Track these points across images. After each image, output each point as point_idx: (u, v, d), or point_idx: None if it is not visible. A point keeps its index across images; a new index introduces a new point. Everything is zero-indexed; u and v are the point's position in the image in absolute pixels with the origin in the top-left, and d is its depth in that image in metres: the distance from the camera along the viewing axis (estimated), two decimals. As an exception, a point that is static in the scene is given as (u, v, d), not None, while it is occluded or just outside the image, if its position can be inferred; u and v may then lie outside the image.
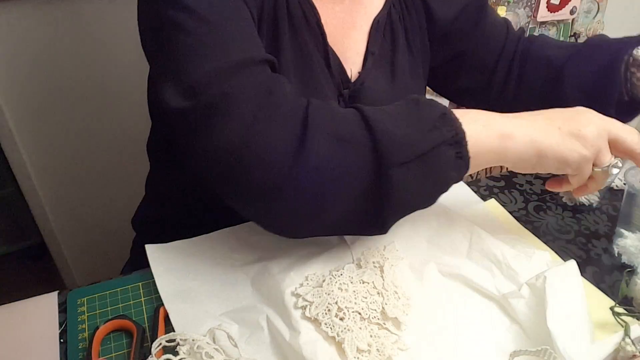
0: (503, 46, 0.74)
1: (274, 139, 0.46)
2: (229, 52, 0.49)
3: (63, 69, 1.10)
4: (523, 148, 0.48)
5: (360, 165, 0.46)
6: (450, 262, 0.56)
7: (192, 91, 0.47)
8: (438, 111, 0.48)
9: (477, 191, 0.71)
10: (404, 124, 0.47)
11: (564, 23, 1.53)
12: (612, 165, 0.50)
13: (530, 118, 0.50)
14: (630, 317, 0.50)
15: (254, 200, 0.48)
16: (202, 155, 0.48)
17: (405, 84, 0.69)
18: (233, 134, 0.46)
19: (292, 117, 0.47)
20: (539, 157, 0.49)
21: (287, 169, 0.45)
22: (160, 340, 0.46)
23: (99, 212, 1.32)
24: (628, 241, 0.59)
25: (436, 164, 0.47)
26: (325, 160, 0.46)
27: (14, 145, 1.14)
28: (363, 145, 0.46)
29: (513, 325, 0.50)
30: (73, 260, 1.37)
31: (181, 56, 0.48)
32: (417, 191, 0.48)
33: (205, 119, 0.47)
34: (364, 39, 0.66)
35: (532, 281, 0.51)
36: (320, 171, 0.46)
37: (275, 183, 0.46)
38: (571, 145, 0.49)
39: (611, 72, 0.63)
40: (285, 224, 0.50)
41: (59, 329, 0.50)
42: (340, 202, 0.47)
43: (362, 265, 0.54)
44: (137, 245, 0.81)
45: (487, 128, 0.48)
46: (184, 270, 0.55)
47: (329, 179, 0.46)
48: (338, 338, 0.46)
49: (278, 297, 0.50)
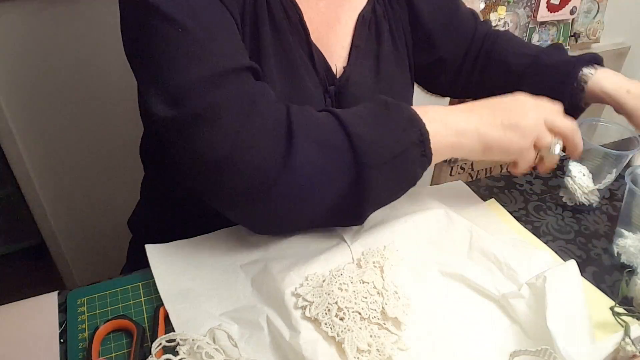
0: (470, 43, 0.78)
1: (261, 146, 0.49)
2: (212, 61, 0.50)
3: (63, 69, 1.10)
4: (473, 142, 0.55)
5: (341, 168, 0.50)
6: (450, 262, 0.56)
7: (178, 100, 0.49)
8: (406, 114, 0.53)
9: (477, 191, 0.71)
10: (376, 127, 0.51)
11: (564, 23, 1.53)
12: (553, 144, 0.57)
13: (478, 112, 0.56)
14: (630, 317, 0.50)
15: (241, 204, 0.51)
16: (189, 161, 0.50)
17: (390, 78, 0.70)
18: (220, 143, 0.48)
19: (278, 126, 0.50)
20: (485, 149, 0.55)
21: (275, 174, 0.49)
22: (160, 340, 0.46)
23: (99, 212, 1.32)
24: (628, 241, 0.59)
25: (406, 163, 0.52)
26: (309, 164, 0.49)
27: (14, 145, 1.14)
28: (343, 150, 0.50)
29: (513, 325, 0.51)
30: (73, 260, 1.37)
31: (165, 65, 0.49)
32: (390, 188, 0.54)
33: (192, 128, 0.49)
34: (349, 34, 0.67)
35: (532, 281, 0.51)
36: (305, 175, 0.49)
37: (263, 188, 0.49)
38: (511, 137, 0.55)
39: (559, 93, 0.68)
40: (271, 224, 0.55)
41: (59, 329, 0.50)
42: (323, 202, 0.51)
43: (362, 265, 0.54)
44: (134, 247, 0.81)
45: (446, 127, 0.54)
46: (184, 270, 0.55)
47: (313, 181, 0.50)
48: (338, 338, 0.46)
49: (278, 297, 0.50)
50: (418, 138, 0.52)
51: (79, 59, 1.10)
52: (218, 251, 0.58)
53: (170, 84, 0.49)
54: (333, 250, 0.56)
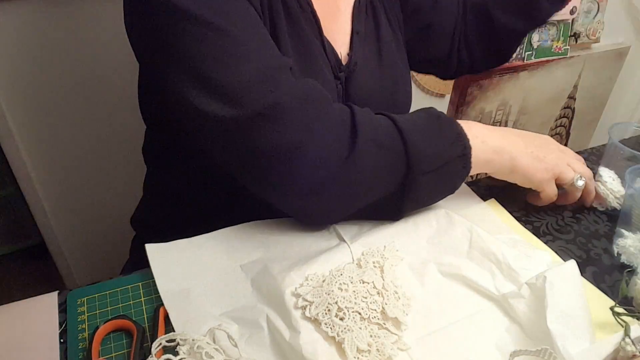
0: (457, 10, 0.81)
1: (327, 143, 0.52)
2: (258, 60, 0.51)
3: (63, 69, 1.10)
4: (504, 163, 0.61)
5: (393, 171, 0.55)
6: (450, 262, 0.56)
7: (235, 99, 0.50)
8: (455, 129, 0.58)
9: (477, 191, 0.71)
10: (429, 137, 0.56)
11: (564, 23, 1.52)
12: (576, 178, 0.64)
13: (513, 138, 0.62)
14: (630, 317, 0.50)
15: (299, 198, 0.54)
16: (248, 158, 0.52)
17: (392, 60, 0.72)
18: (287, 140, 0.50)
19: (343, 125, 0.53)
20: (513, 171, 0.61)
21: (336, 170, 0.52)
22: (160, 340, 0.46)
23: (99, 212, 1.32)
24: (628, 241, 0.59)
25: (449, 174, 0.58)
26: (367, 163, 0.53)
27: (14, 146, 1.14)
28: (398, 154, 0.54)
29: (513, 325, 0.50)
30: (73, 260, 1.37)
31: (212, 66, 0.50)
32: (431, 194, 0.60)
33: (255, 126, 0.50)
34: (348, 20, 0.68)
35: (532, 281, 0.51)
36: (361, 172, 0.53)
37: (324, 182, 0.53)
38: (537, 166, 0.61)
39: None
40: (322, 216, 0.59)
41: (59, 329, 0.50)
42: (371, 198, 0.56)
43: (362, 265, 0.54)
44: (136, 245, 0.81)
45: (485, 144, 0.59)
46: (184, 270, 0.55)
47: (367, 179, 0.54)
48: (338, 338, 0.46)
49: (278, 297, 0.50)
50: (462, 152, 0.57)
51: (79, 59, 1.10)
52: (218, 251, 0.58)
53: (222, 84, 0.50)
54: (333, 250, 0.56)
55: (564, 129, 1.73)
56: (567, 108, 1.68)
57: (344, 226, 0.61)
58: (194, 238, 0.60)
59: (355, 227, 0.61)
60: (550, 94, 1.61)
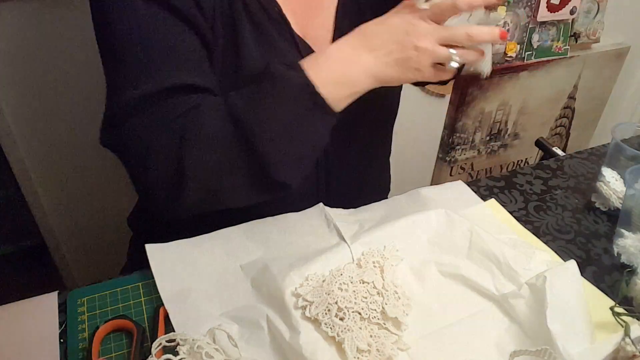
0: None
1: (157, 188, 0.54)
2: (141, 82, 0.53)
3: (63, 69, 1.10)
4: (369, 84, 0.56)
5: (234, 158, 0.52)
6: (450, 262, 0.56)
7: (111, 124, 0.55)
8: (295, 81, 0.53)
9: (477, 191, 0.71)
10: (264, 104, 0.53)
11: (564, 23, 1.52)
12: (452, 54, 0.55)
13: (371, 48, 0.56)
14: (630, 317, 0.50)
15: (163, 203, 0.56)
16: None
17: None
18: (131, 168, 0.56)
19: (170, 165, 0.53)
20: (383, 82, 0.56)
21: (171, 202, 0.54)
22: (160, 340, 0.46)
23: (99, 212, 1.32)
24: (628, 241, 0.59)
25: (305, 127, 0.54)
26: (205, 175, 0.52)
27: (14, 146, 1.14)
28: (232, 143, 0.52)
29: (513, 325, 0.50)
30: (73, 260, 1.37)
31: (110, 82, 0.55)
32: (297, 151, 0.55)
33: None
34: (332, 16, 0.67)
35: (532, 281, 0.51)
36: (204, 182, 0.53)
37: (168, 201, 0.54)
38: (407, 73, 0.55)
39: None
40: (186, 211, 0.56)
41: (59, 329, 0.50)
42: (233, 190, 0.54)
43: (362, 265, 0.54)
44: (134, 245, 0.81)
45: (339, 85, 0.54)
46: (184, 270, 0.55)
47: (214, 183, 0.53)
48: (338, 338, 0.46)
49: (278, 297, 0.50)
50: (313, 103, 0.53)
51: (79, 59, 1.10)
52: (218, 251, 0.58)
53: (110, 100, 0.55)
54: (333, 250, 0.56)
55: (564, 129, 1.73)
56: (567, 108, 1.69)
57: (344, 224, 0.61)
58: (194, 238, 0.60)
59: (355, 225, 0.61)
60: (550, 94, 1.61)
